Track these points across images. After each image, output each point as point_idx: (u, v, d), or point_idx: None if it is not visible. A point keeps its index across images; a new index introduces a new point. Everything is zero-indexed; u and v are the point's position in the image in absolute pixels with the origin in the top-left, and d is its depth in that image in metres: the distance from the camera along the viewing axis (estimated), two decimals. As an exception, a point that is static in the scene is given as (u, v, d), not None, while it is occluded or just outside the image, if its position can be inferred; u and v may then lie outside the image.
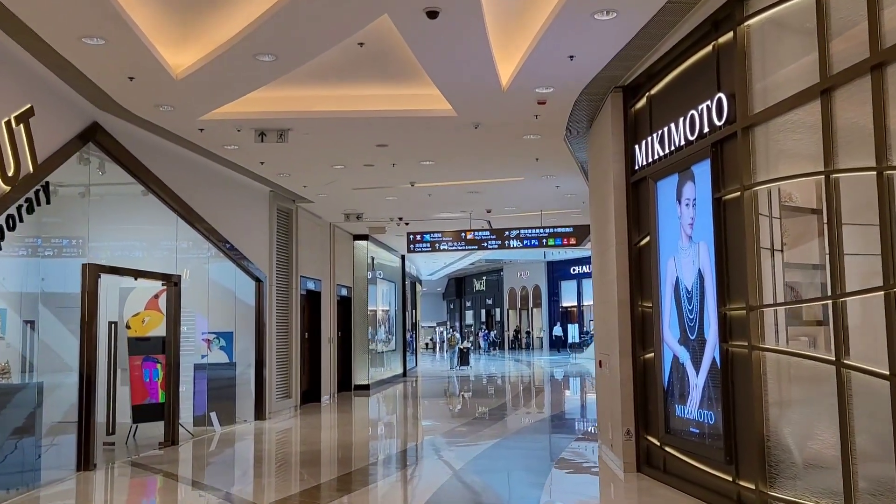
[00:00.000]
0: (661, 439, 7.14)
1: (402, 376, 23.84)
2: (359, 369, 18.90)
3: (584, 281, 47.15)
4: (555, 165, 11.62)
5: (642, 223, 7.67)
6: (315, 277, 15.76)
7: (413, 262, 27.57)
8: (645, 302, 7.61)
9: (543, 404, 16.25)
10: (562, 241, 15.55)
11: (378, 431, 12.37)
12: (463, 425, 12.06)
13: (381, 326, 21.35)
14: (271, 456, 9.99)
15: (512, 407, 15.46)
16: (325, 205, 14.77)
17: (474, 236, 15.96)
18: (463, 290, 59.56)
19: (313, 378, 15.93)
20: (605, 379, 8.58)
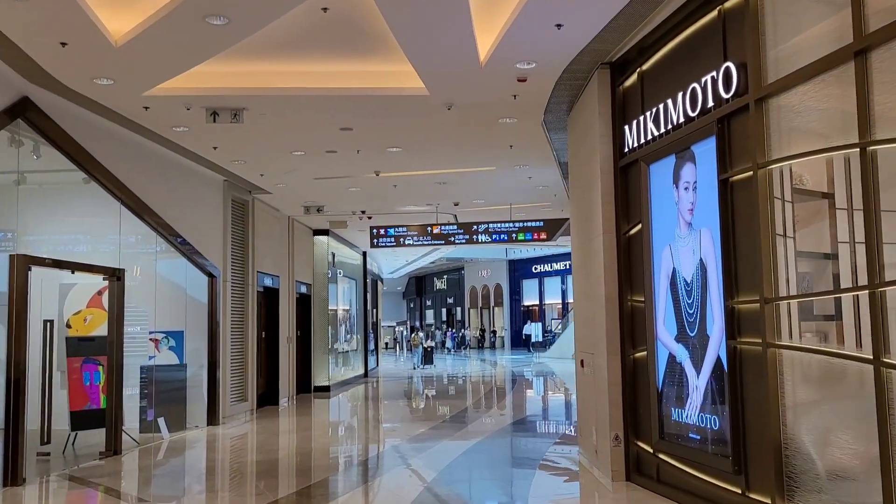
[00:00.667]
0: (655, 446, 6.53)
1: (364, 377, 23.06)
2: (319, 370, 18.09)
3: (545, 279, 46.88)
4: (529, 153, 10.99)
5: (632, 210, 7.06)
6: (273, 274, 14.91)
7: (374, 259, 26.79)
8: (635, 296, 7.00)
9: (513, 406, 15.63)
10: (532, 235, 14.94)
11: (340, 437, 11.60)
12: (431, 429, 11.36)
13: (341, 325, 20.55)
14: (224, 466, 9.17)
15: (481, 409, 14.80)
16: (283, 196, 13.94)
17: (441, 230, 15.27)
18: (423, 289, 58.93)
19: (271, 380, 15.08)
20: (589, 380, 7.96)
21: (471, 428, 11.55)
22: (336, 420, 13.91)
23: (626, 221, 7.16)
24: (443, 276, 55.43)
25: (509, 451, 9.59)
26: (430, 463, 8.67)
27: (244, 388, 13.29)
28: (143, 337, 11.54)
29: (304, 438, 11.09)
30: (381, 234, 15.50)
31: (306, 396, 17.06)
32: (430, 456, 9.11)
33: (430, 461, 8.78)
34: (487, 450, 9.65)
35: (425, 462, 8.72)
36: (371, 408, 15.73)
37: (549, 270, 46.41)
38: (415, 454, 9.29)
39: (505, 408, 15.00)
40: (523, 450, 9.62)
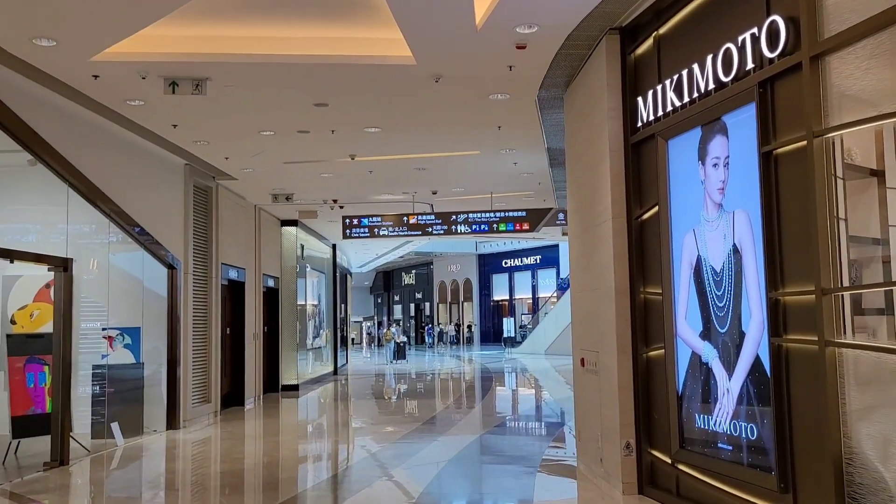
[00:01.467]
0: (674, 456, 5.81)
1: (334, 374, 22.17)
2: (287, 368, 17.17)
3: (515, 274, 46.31)
4: (518, 136, 10.22)
5: (646, 192, 6.32)
6: (238, 266, 13.97)
7: (344, 252, 25.87)
8: (650, 288, 6.27)
9: (494, 405, 14.89)
10: (514, 226, 14.20)
11: (311, 443, 10.73)
12: (409, 433, 10.55)
13: (310, 321, 19.63)
14: (184, 478, 8.25)
15: (460, 409, 14.02)
16: (250, 183, 13.00)
17: (418, 220, 14.45)
18: (391, 284, 58.04)
19: (236, 379, 14.14)
20: (591, 381, 7.22)
21: (453, 432, 10.77)
22: (306, 422, 13.03)
23: (638, 205, 6.42)
24: (411, 270, 54.62)
25: (499, 458, 8.82)
26: (413, 475, 7.86)
27: (207, 389, 12.35)
28: (95, 333, 10.57)
29: (272, 444, 10.20)
30: (354, 225, 14.63)
31: (274, 396, 16.14)
32: (413, 466, 8.30)
33: (413, 473, 7.98)
34: (475, 457, 8.87)
35: (408, 473, 7.91)
36: (343, 408, 14.87)
37: (519, 265, 45.88)
38: (395, 463, 8.48)
39: (486, 407, 14.25)
40: (514, 457, 8.86)
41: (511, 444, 9.68)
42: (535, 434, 10.99)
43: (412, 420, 12.33)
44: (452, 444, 9.82)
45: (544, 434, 10.91)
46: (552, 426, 11.61)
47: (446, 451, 9.20)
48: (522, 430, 11.21)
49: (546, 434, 10.87)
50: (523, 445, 9.65)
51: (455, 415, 12.92)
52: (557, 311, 32.35)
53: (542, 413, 13.29)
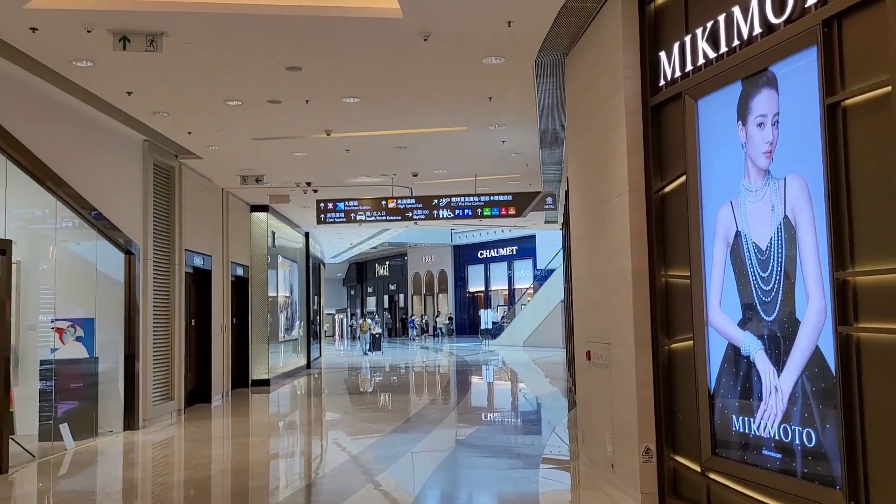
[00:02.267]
0: (705, 463, 5.03)
1: (307, 368, 21.26)
2: (257, 362, 16.22)
3: (491, 265, 45.59)
4: (509, 109, 9.40)
5: (669, 161, 5.52)
6: (204, 252, 13.00)
7: (318, 241, 24.90)
8: (673, 270, 5.48)
9: (479, 403, 14.09)
10: (499, 210, 13.38)
11: (285, 445, 9.83)
12: (392, 433, 9.71)
13: (282, 312, 18.68)
14: (144, 488, 7.33)
15: (444, 407, 13.20)
16: (216, 163, 12.03)
17: (397, 205, 13.58)
18: (365, 276, 57.13)
19: (202, 374, 13.19)
20: (600, 377, 6.43)
21: (438, 432, 9.94)
22: (279, 421, 12.11)
23: (659, 176, 5.62)
24: (385, 262, 53.75)
25: (493, 462, 8.01)
26: (400, 481, 7.03)
27: (170, 385, 11.40)
28: (43, 325, 9.59)
29: (242, 447, 9.30)
30: (328, 209, 13.72)
31: (243, 392, 15.20)
32: (398, 472, 7.47)
33: (399, 479, 7.14)
34: (466, 462, 8.05)
35: (395, 479, 7.07)
36: (318, 405, 13.98)
37: (495, 256, 45.20)
38: (379, 468, 7.63)
39: (470, 404, 13.44)
40: (510, 461, 8.06)
41: (503, 446, 8.88)
42: (528, 433, 10.21)
43: (393, 418, 11.50)
44: (439, 445, 9.01)
45: (537, 433, 10.13)
46: (544, 424, 10.84)
47: (433, 454, 8.38)
48: (513, 429, 10.43)
49: (539, 433, 10.09)
50: (517, 447, 8.85)
51: (438, 412, 12.10)
52: (536, 302, 31.69)
53: (530, 410, 12.52)
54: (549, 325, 29.86)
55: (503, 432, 9.98)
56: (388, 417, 11.58)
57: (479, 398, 14.61)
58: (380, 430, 9.92)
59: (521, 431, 10.25)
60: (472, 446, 8.72)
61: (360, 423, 11.09)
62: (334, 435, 10.19)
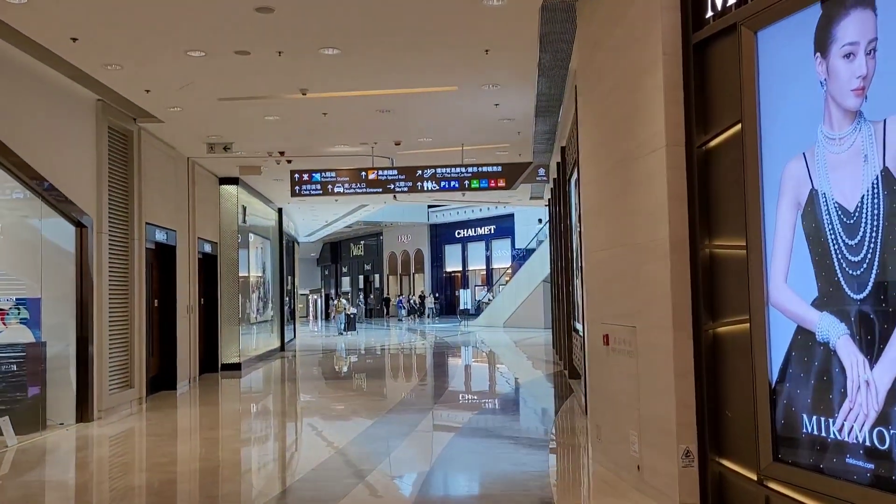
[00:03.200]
0: (764, 471, 4.18)
1: (280, 350, 20.27)
2: (228, 345, 15.21)
3: (469, 245, 44.75)
4: (507, 65, 8.44)
5: (717, 109, 4.62)
6: (167, 227, 11.93)
7: (291, 218, 23.80)
8: (721, 240, 4.61)
9: (467, 389, 13.23)
10: (488, 182, 12.45)
11: (259, 438, 8.86)
12: (377, 424, 8.81)
13: (254, 292, 17.64)
14: (99, 495, 6.35)
15: (430, 394, 12.31)
16: (179, 128, 10.94)
17: (378, 176, 12.58)
18: (339, 256, 56.08)
19: (166, 359, 12.16)
20: (622, 365, 5.56)
21: (428, 423, 9.05)
22: (251, 410, 11.14)
23: (702, 128, 4.72)
24: (360, 241, 52.77)
25: (494, 459, 7.13)
26: (389, 487, 6.13)
27: (129, 371, 10.38)
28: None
29: (211, 442, 8.33)
30: (304, 181, 12.69)
31: (212, 377, 14.19)
32: (386, 474, 6.56)
33: (388, 486, 6.24)
34: (462, 460, 7.14)
35: (384, 484, 6.16)
36: (293, 391, 13.02)
37: (473, 235, 44.40)
38: (367, 466, 6.72)
39: (459, 391, 12.57)
40: (515, 456, 7.18)
41: (501, 440, 8.00)
42: (526, 425, 9.37)
43: (377, 406, 10.60)
44: (431, 439, 8.12)
45: (536, 425, 9.30)
46: (542, 416, 10.01)
47: (425, 449, 7.49)
48: (507, 422, 9.56)
49: (539, 425, 9.25)
50: (517, 442, 7.98)
51: (424, 400, 11.21)
52: (517, 282, 30.91)
53: (520, 397, 11.67)
54: (530, 305, 29.12)
55: (497, 426, 9.12)
56: (370, 406, 10.67)
57: (464, 383, 13.75)
58: (363, 421, 9.01)
59: (517, 424, 9.40)
60: (468, 437, 7.83)
61: (340, 412, 10.17)
62: (312, 427, 9.26)
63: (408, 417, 9.28)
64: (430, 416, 9.45)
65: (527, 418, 9.57)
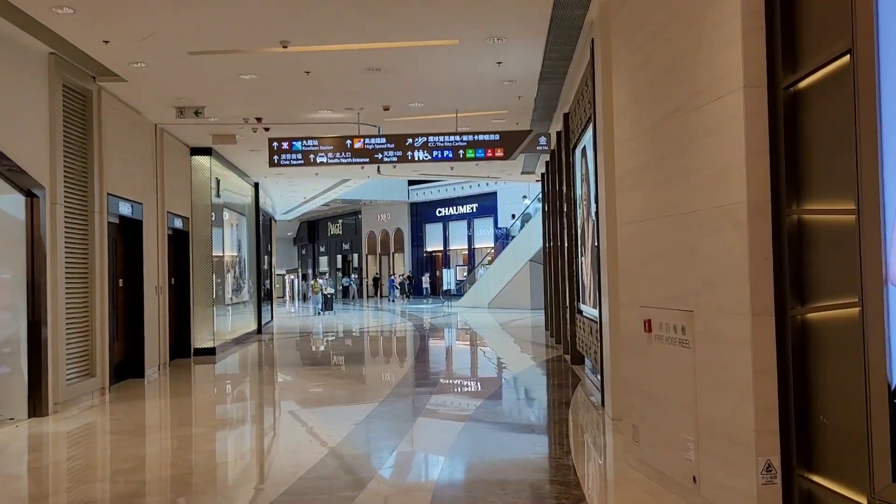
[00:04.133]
0: (880, 493, 3.30)
1: (258, 333, 19.26)
2: (201, 328, 14.18)
3: (450, 224, 43.81)
4: (516, 14, 7.45)
5: (808, 40, 3.70)
6: (133, 199, 10.85)
7: (268, 193, 22.67)
8: (816, 203, 3.70)
9: (462, 374, 12.34)
10: (484, 152, 11.49)
11: (237, 435, 7.88)
12: (368, 419, 7.90)
13: (229, 272, 16.58)
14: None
15: (425, 382, 11.40)
16: (145, 88, 9.85)
17: (364, 145, 11.56)
18: (317, 235, 54.98)
19: (133, 344, 11.13)
20: (672, 357, 4.66)
21: (428, 417, 8.14)
22: (227, 401, 10.14)
23: (789, 66, 3.80)
24: (338, 220, 51.71)
25: (514, 464, 6.25)
26: (403, 496, 5.21)
27: (90, 359, 9.36)
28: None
29: (183, 440, 7.33)
30: (283, 150, 11.64)
31: (184, 363, 13.18)
32: (393, 478, 5.65)
33: (400, 493, 5.32)
34: (476, 465, 6.26)
35: (396, 493, 5.24)
36: (272, 379, 12.05)
37: (454, 214, 43.49)
38: (367, 468, 5.81)
39: (453, 380, 11.67)
40: (531, 458, 6.29)
41: (514, 435, 7.11)
42: (537, 419, 8.50)
43: (365, 396, 9.68)
44: (436, 436, 7.22)
45: (550, 420, 8.43)
46: (554, 408, 9.16)
47: (429, 449, 6.59)
48: (517, 415, 8.68)
49: (551, 420, 8.39)
50: (534, 444, 7.09)
51: (420, 390, 10.30)
52: (502, 262, 30.07)
53: (524, 385, 10.81)
54: (516, 285, 28.32)
55: (506, 420, 8.22)
56: (363, 395, 9.76)
57: (459, 369, 12.86)
58: (352, 415, 8.09)
59: (529, 418, 8.52)
60: (475, 434, 6.93)
61: (326, 404, 9.23)
62: (297, 421, 8.31)
63: (403, 410, 8.37)
64: (427, 407, 8.55)
65: (537, 411, 8.69)
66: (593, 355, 8.90)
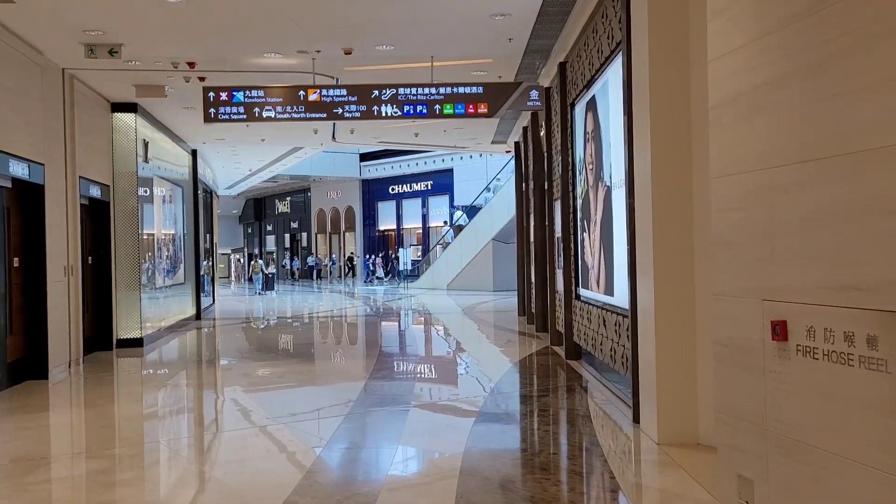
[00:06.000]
0: None
1: (196, 319, 17.12)
2: (125, 315, 12.06)
3: (404, 202, 41.91)
4: None
5: None
6: (30, 159, 8.69)
7: (209, 164, 20.39)
8: None
9: (441, 372, 10.50)
10: (465, 107, 9.61)
11: (170, 462, 5.87)
12: (345, 428, 6.03)
13: (162, 250, 14.41)
14: None
15: (397, 378, 9.53)
16: (40, 13, 7.69)
17: (321, 97, 9.56)
18: (263, 213, 52.55)
19: (34, 337, 9.01)
20: (828, 379, 2.91)
21: (408, 432, 6.32)
22: (156, 413, 8.07)
23: None
24: (286, 197, 49.42)
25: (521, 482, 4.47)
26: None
27: (-32, 361, 7.26)
28: None
29: (96, 476, 5.32)
30: (222, 101, 9.55)
31: (104, 357, 11.08)
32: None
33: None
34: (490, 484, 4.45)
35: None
36: (215, 376, 10.05)
37: (408, 192, 41.62)
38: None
39: (431, 375, 9.82)
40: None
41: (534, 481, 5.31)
42: (557, 441, 6.73)
43: (335, 398, 7.83)
44: (424, 450, 5.40)
45: (576, 444, 6.67)
46: (572, 425, 7.40)
47: (426, 477, 4.76)
48: (528, 447, 6.89)
49: (577, 444, 6.63)
50: (574, 490, 5.30)
51: (396, 389, 8.46)
52: (462, 241, 28.29)
53: (522, 391, 9.04)
54: (477, 266, 26.60)
55: (507, 461, 6.42)
56: (330, 397, 7.89)
57: (437, 367, 11.04)
58: (328, 418, 6.21)
59: (543, 459, 6.74)
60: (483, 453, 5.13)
61: (280, 406, 7.30)
62: (251, 435, 6.37)
63: (383, 421, 6.52)
64: (408, 418, 6.71)
65: (554, 430, 6.90)
66: (608, 353, 7.18)
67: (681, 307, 5.31)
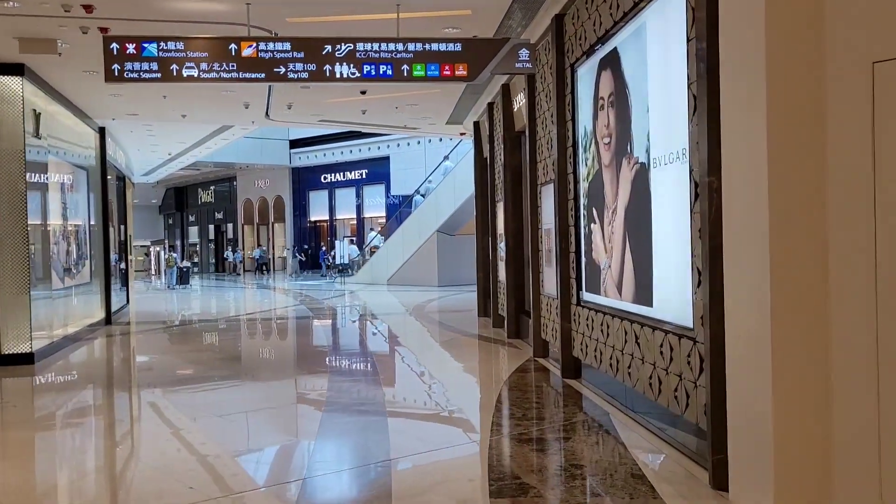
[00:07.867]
0: None
1: (106, 323, 14.78)
2: (10, 324, 9.80)
3: (337, 191, 39.74)
4: None
5: None
6: None
7: (120, 145, 17.89)
8: None
9: (407, 394, 8.62)
10: (440, 69, 7.75)
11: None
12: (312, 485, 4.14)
13: (60, 244, 12.05)
14: None
15: (365, 403, 7.62)
16: None
17: (258, 51, 7.55)
18: (185, 203, 49.54)
19: None
20: None
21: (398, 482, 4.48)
22: (55, 463, 5.94)
23: None
24: (209, 186, 46.61)
25: None
26: None
27: None
28: None
29: None
30: (129, 55, 7.42)
31: (-20, 380, 8.82)
32: None
33: None
34: None
35: None
36: (128, 403, 7.94)
37: (341, 181, 39.50)
38: None
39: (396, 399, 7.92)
40: None
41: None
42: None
43: (290, 428, 5.89)
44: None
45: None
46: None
47: None
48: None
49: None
50: None
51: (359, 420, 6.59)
52: (403, 233, 26.39)
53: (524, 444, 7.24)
54: (420, 259, 24.79)
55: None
56: (287, 418, 5.93)
57: (401, 385, 9.17)
58: (292, 468, 4.31)
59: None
60: None
61: (234, 446, 5.32)
62: (186, 479, 4.40)
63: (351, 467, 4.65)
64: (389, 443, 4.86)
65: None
66: (645, 380, 5.49)
67: (810, 338, 3.63)
